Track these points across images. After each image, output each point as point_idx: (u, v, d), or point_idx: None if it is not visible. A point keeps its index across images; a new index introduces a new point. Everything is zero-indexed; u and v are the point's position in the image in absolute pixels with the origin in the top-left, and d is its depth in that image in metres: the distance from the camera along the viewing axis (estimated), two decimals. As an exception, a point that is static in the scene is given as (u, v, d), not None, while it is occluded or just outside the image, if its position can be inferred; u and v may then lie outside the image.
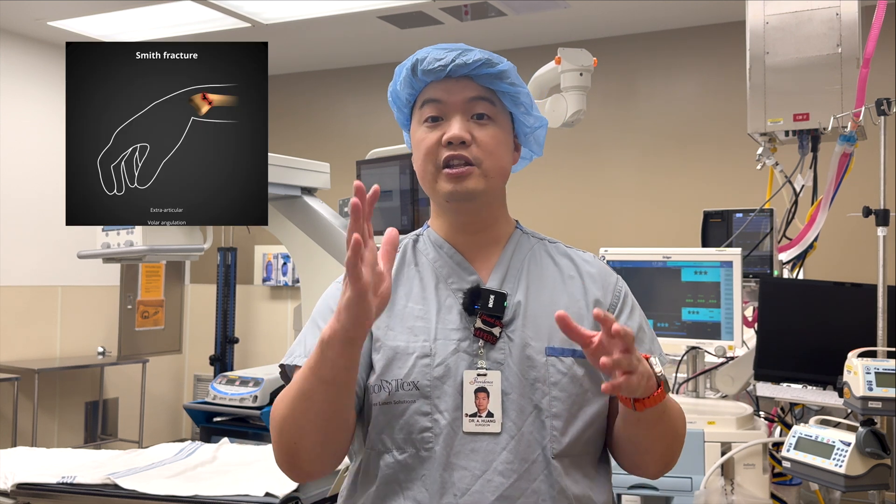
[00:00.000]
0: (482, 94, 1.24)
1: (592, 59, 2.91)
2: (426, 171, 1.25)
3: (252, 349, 6.54)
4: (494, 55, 1.25)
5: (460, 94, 1.24)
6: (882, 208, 2.31)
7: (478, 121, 1.24)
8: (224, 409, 4.29)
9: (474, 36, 5.45)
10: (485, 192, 1.24)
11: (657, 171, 5.36)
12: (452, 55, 1.23)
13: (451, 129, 1.22)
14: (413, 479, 1.16)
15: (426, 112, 1.25)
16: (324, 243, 2.84)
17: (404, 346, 1.20)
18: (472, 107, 1.24)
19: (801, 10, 2.64)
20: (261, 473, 2.20)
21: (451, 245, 1.29)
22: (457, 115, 1.23)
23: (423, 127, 1.26)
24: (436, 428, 1.16)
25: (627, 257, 2.46)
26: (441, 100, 1.24)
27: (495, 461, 1.15)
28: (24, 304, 5.62)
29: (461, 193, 1.23)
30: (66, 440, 5.83)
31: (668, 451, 1.23)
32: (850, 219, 2.55)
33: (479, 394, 1.02)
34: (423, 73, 1.24)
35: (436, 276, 1.27)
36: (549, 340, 1.21)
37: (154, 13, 5.09)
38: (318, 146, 6.23)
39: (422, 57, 1.24)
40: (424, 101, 1.26)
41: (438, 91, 1.24)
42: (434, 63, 1.23)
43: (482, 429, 1.16)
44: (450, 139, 1.21)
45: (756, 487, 2.15)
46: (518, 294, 1.25)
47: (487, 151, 1.23)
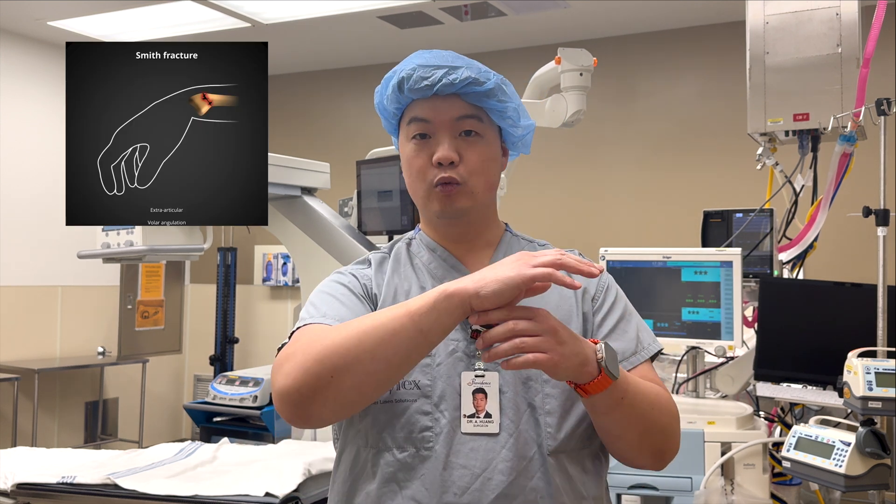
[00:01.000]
0: (470, 112, 1.24)
1: (592, 59, 2.91)
2: (418, 189, 1.27)
3: (252, 349, 6.54)
4: (483, 70, 1.24)
5: (447, 113, 1.23)
6: (882, 208, 2.31)
7: (465, 137, 1.24)
8: (224, 409, 4.30)
9: (474, 36, 5.45)
10: (473, 208, 1.26)
11: (657, 171, 5.36)
12: (439, 74, 1.21)
13: (439, 149, 1.22)
14: (413, 478, 1.17)
15: (413, 129, 1.25)
16: (324, 243, 2.84)
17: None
18: (459, 125, 1.24)
19: (801, 10, 2.64)
20: (261, 473, 2.20)
21: (444, 248, 1.31)
22: (444, 134, 1.23)
23: (411, 144, 1.26)
24: (436, 427, 1.17)
25: (627, 257, 2.46)
26: (428, 119, 1.24)
27: (494, 460, 1.16)
28: (24, 304, 5.62)
29: (451, 212, 1.25)
30: (66, 440, 5.83)
31: (645, 438, 1.20)
32: (850, 219, 2.55)
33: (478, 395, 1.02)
34: (409, 91, 1.23)
35: (431, 277, 1.28)
36: None
37: (154, 13, 5.09)
38: (318, 146, 6.23)
39: (408, 75, 1.22)
40: (412, 119, 1.25)
41: (426, 110, 1.24)
42: (421, 82, 1.21)
43: (481, 429, 1.17)
44: (439, 160, 1.22)
45: (756, 487, 2.15)
46: None
47: (475, 171, 1.24)
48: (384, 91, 1.28)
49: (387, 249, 1.36)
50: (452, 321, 1.05)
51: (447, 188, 1.23)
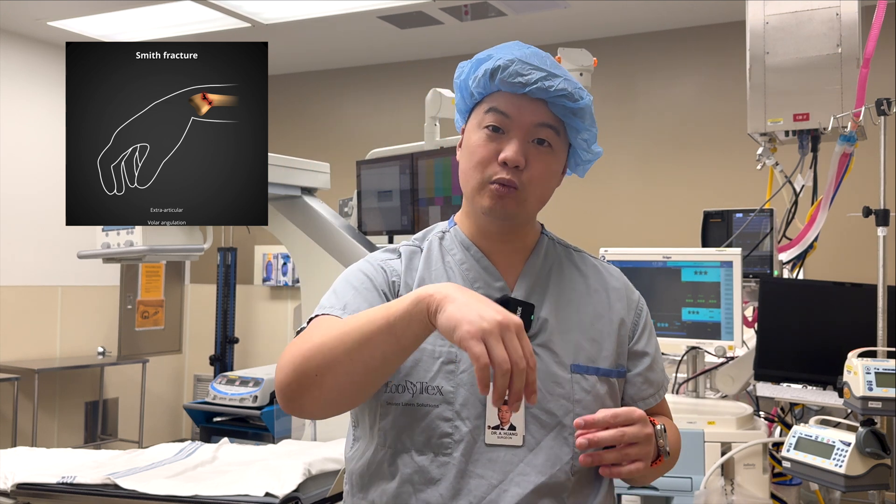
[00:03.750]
0: (550, 122, 1.21)
1: (592, 59, 2.91)
2: (472, 179, 1.23)
3: (252, 349, 6.54)
4: (578, 87, 1.21)
5: (530, 116, 1.20)
6: (882, 208, 2.31)
7: (538, 146, 1.21)
8: (224, 409, 4.30)
9: (474, 36, 5.45)
10: (519, 215, 1.23)
11: (657, 171, 5.36)
12: (537, 76, 1.18)
13: (509, 148, 1.19)
14: (428, 483, 1.16)
15: (489, 119, 1.21)
16: (324, 243, 2.84)
17: (430, 350, 1.18)
18: (536, 131, 1.20)
19: (801, 10, 2.64)
20: (261, 473, 2.19)
21: (478, 248, 1.27)
22: (519, 135, 1.20)
23: (482, 132, 1.22)
24: (456, 434, 1.16)
25: (627, 257, 2.46)
26: (509, 114, 1.20)
27: (512, 472, 1.15)
28: (24, 304, 5.62)
29: (499, 213, 1.21)
30: (66, 440, 5.83)
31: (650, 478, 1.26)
32: (850, 219, 2.55)
33: (503, 406, 1.01)
34: (500, 83, 1.20)
35: (462, 278, 1.25)
36: (575, 357, 1.21)
37: (154, 13, 5.09)
38: (318, 146, 6.23)
39: (505, 65, 1.19)
40: (491, 108, 1.22)
41: (509, 105, 1.20)
42: (516, 77, 1.18)
43: (504, 441, 1.16)
44: (505, 160, 1.19)
45: (756, 487, 2.15)
46: (545, 305, 1.24)
47: (536, 181, 1.21)
48: (473, 71, 1.25)
49: (418, 241, 1.32)
50: (422, 329, 1.03)
51: (503, 189, 1.19)
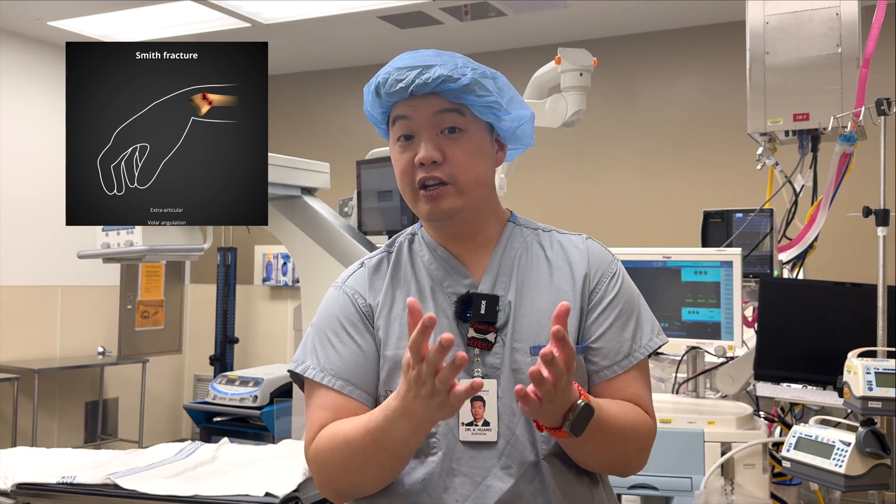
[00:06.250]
0: (449, 106, 1.21)
1: (592, 59, 2.91)
2: (405, 192, 1.25)
3: (252, 349, 6.54)
4: (459, 66, 1.21)
5: (426, 109, 1.21)
6: (882, 208, 2.31)
7: (449, 135, 1.21)
8: (224, 409, 4.30)
9: (474, 36, 5.45)
10: (463, 207, 1.23)
11: (657, 171, 5.36)
12: (412, 75, 1.19)
13: (421, 149, 1.20)
14: (415, 484, 1.17)
15: (397, 130, 1.24)
16: (324, 243, 2.84)
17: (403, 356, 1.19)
18: (440, 120, 1.21)
19: (801, 10, 2.64)
20: (261, 473, 2.19)
21: (445, 248, 1.29)
22: (426, 133, 1.21)
23: (396, 146, 1.25)
24: (438, 434, 1.18)
25: (627, 257, 2.46)
26: (409, 116, 1.22)
27: (494, 467, 1.16)
28: (24, 304, 5.62)
29: (439, 213, 1.22)
30: (66, 440, 5.83)
31: (609, 465, 1.23)
32: (850, 219, 2.55)
33: (475, 403, 1.01)
34: (386, 95, 1.22)
35: (431, 279, 1.27)
36: (536, 339, 1.20)
37: (154, 13, 5.09)
38: (318, 146, 6.23)
39: (383, 79, 1.22)
40: (394, 118, 1.25)
41: (406, 108, 1.22)
42: (395, 85, 1.20)
43: (479, 438, 1.17)
44: (421, 161, 1.20)
45: (756, 487, 2.15)
46: (510, 294, 1.24)
47: (461, 168, 1.21)
48: (366, 98, 1.28)
49: (386, 248, 1.34)
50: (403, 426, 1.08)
51: (433, 190, 1.21)
